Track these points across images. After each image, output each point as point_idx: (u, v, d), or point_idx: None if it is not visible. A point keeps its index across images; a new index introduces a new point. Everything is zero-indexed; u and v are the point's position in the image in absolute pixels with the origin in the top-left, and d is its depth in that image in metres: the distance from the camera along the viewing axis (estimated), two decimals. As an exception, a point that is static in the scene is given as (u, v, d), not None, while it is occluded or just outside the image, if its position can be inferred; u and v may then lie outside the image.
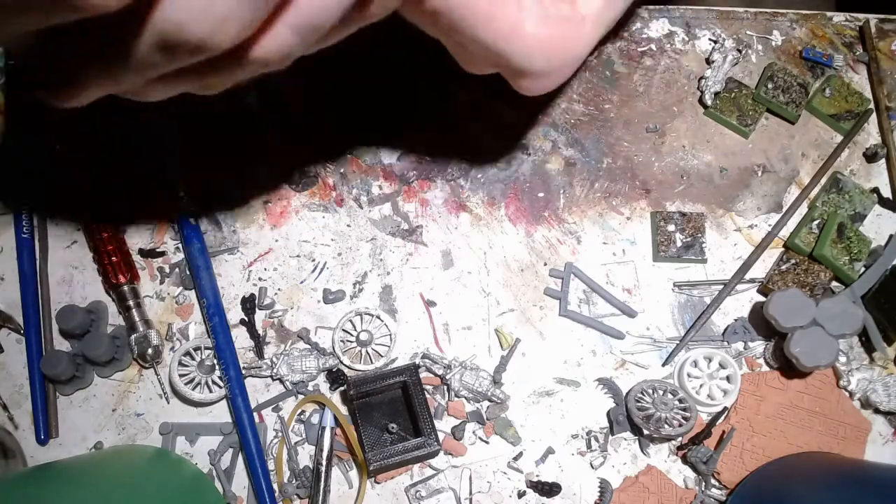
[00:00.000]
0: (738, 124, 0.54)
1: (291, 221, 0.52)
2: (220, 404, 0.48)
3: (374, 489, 0.47)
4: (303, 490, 0.46)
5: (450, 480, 0.47)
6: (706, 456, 0.46)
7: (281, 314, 0.50)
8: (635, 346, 0.50)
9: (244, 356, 0.49)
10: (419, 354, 0.49)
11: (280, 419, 0.48)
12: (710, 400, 0.48)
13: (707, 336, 0.50)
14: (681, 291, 0.51)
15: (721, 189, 0.54)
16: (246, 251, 0.51)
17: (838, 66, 0.57)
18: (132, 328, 0.48)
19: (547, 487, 0.46)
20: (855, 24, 0.58)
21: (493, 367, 0.49)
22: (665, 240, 0.51)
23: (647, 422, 0.46)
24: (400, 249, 0.52)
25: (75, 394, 0.48)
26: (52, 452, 0.47)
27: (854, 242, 0.50)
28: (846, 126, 0.54)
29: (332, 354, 0.49)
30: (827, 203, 0.52)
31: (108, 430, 0.47)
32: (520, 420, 0.48)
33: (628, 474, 0.47)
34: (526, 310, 0.51)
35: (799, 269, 0.50)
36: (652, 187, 0.54)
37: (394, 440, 0.46)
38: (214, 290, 0.49)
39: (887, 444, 0.48)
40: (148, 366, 0.48)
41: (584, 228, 0.52)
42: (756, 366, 0.50)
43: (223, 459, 0.47)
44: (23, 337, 0.48)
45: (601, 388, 0.49)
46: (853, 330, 0.47)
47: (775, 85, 0.54)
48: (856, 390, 0.48)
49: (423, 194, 0.53)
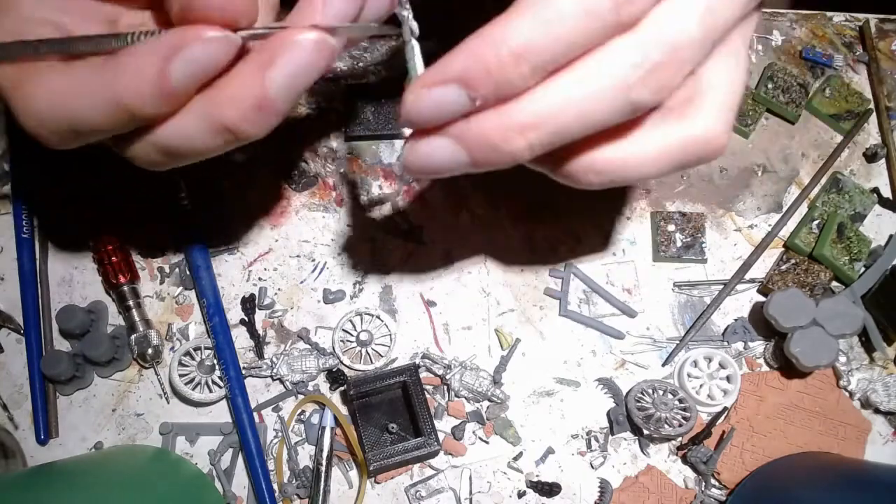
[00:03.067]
0: (738, 124, 0.54)
1: (291, 221, 0.52)
2: (220, 404, 0.48)
3: (374, 489, 0.47)
4: (303, 490, 0.46)
5: (450, 480, 0.47)
6: (706, 456, 0.46)
7: (281, 314, 0.50)
8: (635, 346, 0.50)
9: (244, 356, 0.49)
10: (419, 354, 0.49)
11: (280, 419, 0.48)
12: (710, 400, 0.48)
13: (707, 336, 0.50)
14: (681, 291, 0.51)
15: (721, 189, 0.54)
16: (246, 251, 0.51)
17: (838, 66, 0.57)
18: (132, 328, 0.48)
19: (547, 487, 0.46)
20: (855, 24, 0.58)
21: (493, 367, 0.49)
22: (665, 240, 0.51)
23: (647, 422, 0.46)
24: (400, 249, 0.52)
25: (75, 394, 0.48)
26: (52, 452, 0.47)
27: (854, 242, 0.50)
28: (846, 126, 0.54)
29: (332, 354, 0.49)
30: (827, 203, 0.52)
31: (108, 430, 0.48)
32: (520, 420, 0.48)
33: (628, 474, 0.47)
34: (526, 310, 0.51)
35: (799, 269, 0.50)
36: (652, 187, 0.54)
37: (394, 440, 0.46)
38: (214, 290, 0.49)
39: (887, 444, 0.48)
40: (148, 366, 0.48)
41: (584, 228, 0.52)
42: (756, 366, 0.50)
43: (223, 459, 0.47)
44: (23, 337, 0.48)
45: (601, 388, 0.49)
46: (853, 330, 0.47)
47: (775, 85, 0.54)
48: (856, 390, 0.48)
49: (424, 194, 0.53)
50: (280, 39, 0.29)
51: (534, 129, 0.27)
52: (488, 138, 0.28)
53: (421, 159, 0.30)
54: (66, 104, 0.30)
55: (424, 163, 0.30)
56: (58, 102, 0.30)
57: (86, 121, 0.30)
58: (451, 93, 0.27)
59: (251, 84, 0.29)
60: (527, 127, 0.27)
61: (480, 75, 0.26)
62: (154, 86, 0.28)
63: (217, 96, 0.29)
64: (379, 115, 0.53)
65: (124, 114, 0.29)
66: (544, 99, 0.27)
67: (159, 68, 0.28)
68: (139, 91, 0.28)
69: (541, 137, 0.28)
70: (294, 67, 0.29)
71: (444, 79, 0.27)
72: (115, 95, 0.29)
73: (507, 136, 0.28)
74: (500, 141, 0.28)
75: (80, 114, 0.30)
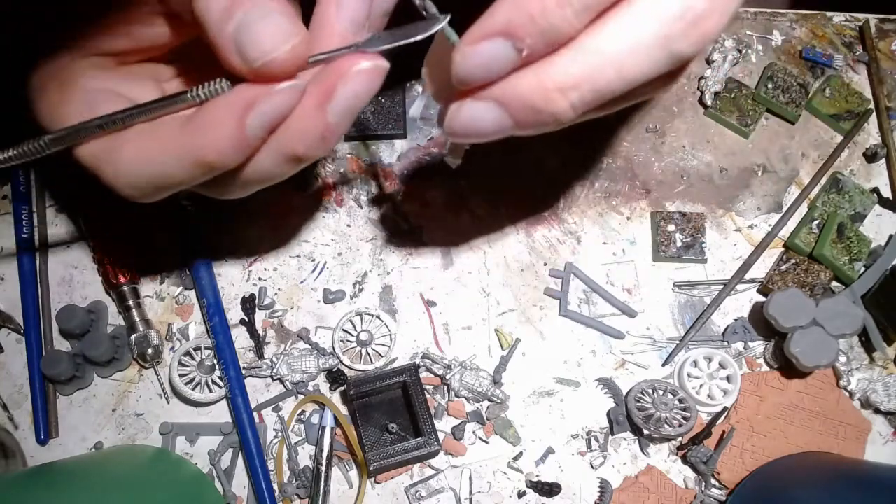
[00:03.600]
0: (738, 124, 0.54)
1: (291, 221, 0.52)
2: (220, 404, 0.48)
3: (374, 489, 0.47)
4: (303, 490, 0.46)
5: (450, 480, 0.47)
6: (706, 456, 0.46)
7: (281, 314, 0.50)
8: (635, 346, 0.50)
9: (244, 356, 0.49)
10: (419, 354, 0.49)
11: (280, 419, 0.48)
12: (710, 400, 0.48)
13: (707, 336, 0.50)
14: (681, 291, 0.51)
15: (721, 189, 0.54)
16: (246, 251, 0.51)
17: (838, 66, 0.57)
18: (132, 328, 0.48)
19: (547, 487, 0.46)
20: (855, 24, 0.58)
21: (493, 367, 0.49)
22: (665, 240, 0.51)
23: (647, 422, 0.46)
24: (400, 249, 0.52)
25: (75, 394, 0.48)
26: (52, 452, 0.47)
27: (854, 242, 0.50)
28: (846, 126, 0.54)
29: (332, 354, 0.49)
30: (827, 203, 0.52)
31: (108, 430, 0.48)
32: (520, 420, 0.48)
33: (628, 474, 0.47)
34: (526, 310, 0.51)
35: (799, 269, 0.50)
36: (652, 187, 0.54)
37: (394, 440, 0.46)
38: (214, 290, 0.49)
39: (887, 444, 0.48)
40: (148, 366, 0.48)
41: (584, 228, 0.52)
42: (756, 366, 0.50)
43: (223, 459, 0.47)
44: (23, 337, 0.49)
45: (601, 388, 0.49)
46: (853, 330, 0.47)
47: (775, 85, 0.54)
48: (856, 390, 0.48)
49: (423, 194, 0.53)
50: (336, 71, 0.30)
51: (575, 89, 0.27)
52: (530, 100, 0.28)
53: (464, 124, 0.30)
54: (152, 166, 0.32)
55: (468, 127, 0.30)
56: (145, 165, 0.32)
57: (171, 178, 0.32)
58: (498, 46, 0.27)
59: (315, 118, 0.31)
60: (568, 87, 0.27)
61: (525, 23, 0.26)
62: (232, 141, 0.30)
63: (286, 134, 0.31)
64: (379, 115, 0.53)
65: (205, 167, 0.31)
66: (584, 56, 0.27)
67: (237, 125, 0.30)
68: (218, 147, 0.30)
69: (583, 96, 0.27)
70: (352, 97, 0.30)
71: (490, 32, 0.27)
72: (197, 153, 0.31)
73: (549, 97, 0.28)
74: (541, 102, 0.28)
75: (166, 172, 0.32)
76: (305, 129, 0.31)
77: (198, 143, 0.31)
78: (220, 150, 0.30)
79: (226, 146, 0.30)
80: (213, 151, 0.31)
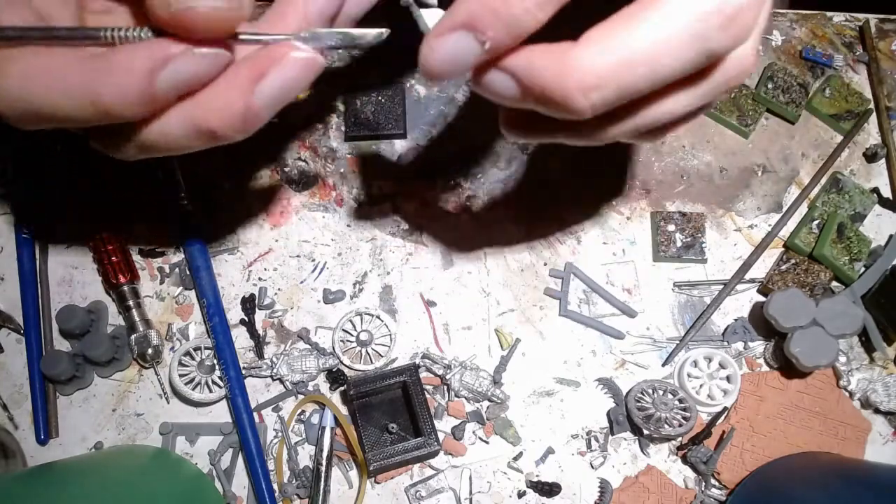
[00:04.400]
0: (738, 124, 0.54)
1: (291, 221, 0.52)
2: (220, 404, 0.48)
3: (374, 489, 0.47)
4: (303, 490, 0.46)
5: (450, 480, 0.47)
6: (706, 456, 0.46)
7: (281, 314, 0.50)
8: (635, 346, 0.50)
9: (244, 356, 0.49)
10: (419, 354, 0.49)
11: (280, 419, 0.48)
12: (710, 400, 0.48)
13: (707, 336, 0.50)
14: (681, 291, 0.51)
15: (721, 189, 0.54)
16: (246, 251, 0.51)
17: (838, 66, 0.57)
18: (132, 328, 0.48)
19: (547, 487, 0.46)
20: (855, 24, 0.58)
21: (493, 367, 0.49)
22: (665, 240, 0.51)
23: (647, 422, 0.46)
24: (400, 249, 0.52)
25: (75, 394, 0.48)
26: (52, 452, 0.47)
27: (854, 242, 0.50)
28: (846, 126, 0.54)
29: (332, 354, 0.49)
30: (827, 203, 0.52)
31: (108, 430, 0.47)
32: (520, 420, 0.48)
33: (628, 474, 0.47)
34: (526, 310, 0.51)
35: (799, 269, 0.50)
36: (652, 187, 0.54)
37: (394, 440, 0.46)
38: (214, 290, 0.49)
39: (887, 444, 0.48)
40: (148, 366, 0.48)
41: (584, 228, 0.52)
42: (756, 366, 0.50)
43: (223, 459, 0.47)
44: (23, 337, 0.48)
45: (601, 388, 0.49)
46: (853, 330, 0.47)
47: (775, 85, 0.54)
48: (856, 390, 0.48)
49: (423, 194, 0.53)
50: (272, 54, 0.29)
51: (596, 90, 0.26)
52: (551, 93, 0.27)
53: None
54: (40, 93, 0.29)
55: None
56: (31, 90, 0.30)
57: (57, 109, 0.30)
58: (461, 39, 0.26)
59: (239, 95, 0.29)
60: (589, 87, 0.26)
61: (486, 15, 0.26)
62: (138, 92, 0.28)
63: (203, 103, 0.30)
64: (379, 115, 0.53)
65: (100, 111, 0.29)
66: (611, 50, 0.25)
67: (147, 76, 0.28)
68: (122, 94, 0.28)
69: (605, 96, 0.26)
70: (283, 82, 0.29)
71: (452, 26, 0.26)
72: (94, 93, 0.29)
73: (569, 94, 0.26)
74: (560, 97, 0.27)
75: (55, 103, 0.29)
76: (226, 104, 0.29)
77: (100, 81, 0.28)
78: (122, 95, 0.28)
79: (129, 94, 0.28)
80: (114, 96, 0.28)
